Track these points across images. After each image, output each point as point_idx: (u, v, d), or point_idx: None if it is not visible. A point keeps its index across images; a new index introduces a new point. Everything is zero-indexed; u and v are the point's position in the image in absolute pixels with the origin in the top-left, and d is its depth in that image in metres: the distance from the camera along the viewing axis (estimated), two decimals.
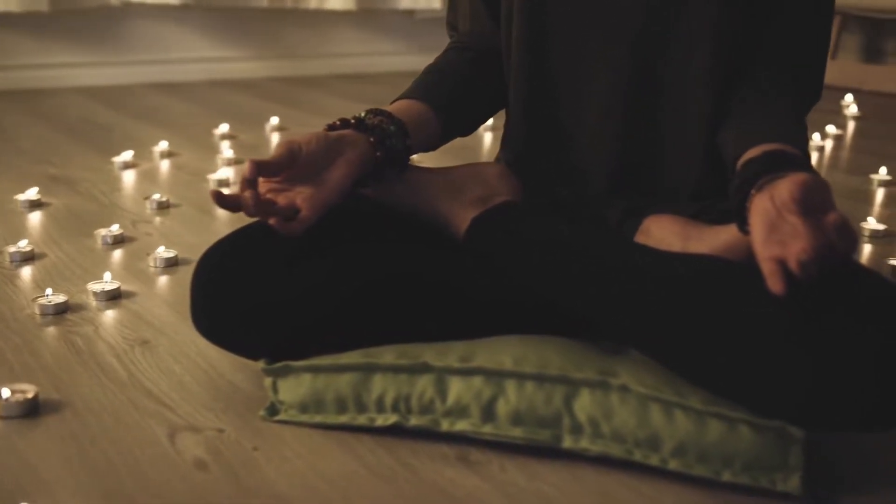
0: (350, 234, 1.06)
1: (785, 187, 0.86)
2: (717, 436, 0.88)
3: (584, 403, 0.92)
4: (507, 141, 1.24)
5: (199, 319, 1.03)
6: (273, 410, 1.00)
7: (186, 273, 1.43)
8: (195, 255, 1.50)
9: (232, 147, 2.31)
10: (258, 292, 1.00)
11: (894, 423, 0.83)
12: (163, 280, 1.42)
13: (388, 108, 1.13)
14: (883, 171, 2.14)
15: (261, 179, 1.00)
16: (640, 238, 1.10)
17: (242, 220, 1.01)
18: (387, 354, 0.99)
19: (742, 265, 0.95)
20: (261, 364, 1.00)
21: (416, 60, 3.92)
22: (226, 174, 2.00)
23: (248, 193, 0.97)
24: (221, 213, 1.80)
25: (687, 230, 1.07)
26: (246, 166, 0.98)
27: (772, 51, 1.12)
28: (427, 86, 1.18)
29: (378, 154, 1.06)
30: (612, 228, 1.13)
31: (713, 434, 0.88)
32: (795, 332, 0.84)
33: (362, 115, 1.09)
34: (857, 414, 0.82)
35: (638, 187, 1.17)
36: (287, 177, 1.02)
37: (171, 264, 1.47)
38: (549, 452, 0.93)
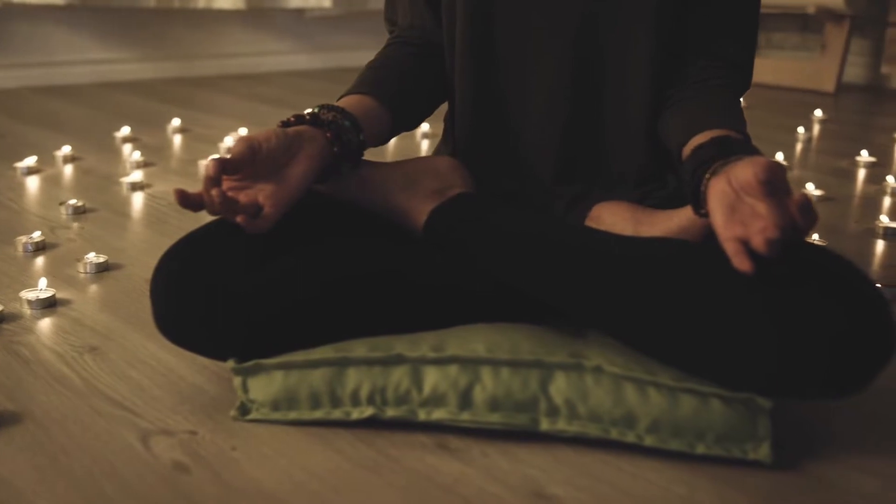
0: (312, 230, 1.06)
1: (747, 170, 0.90)
2: (690, 410, 0.92)
3: (560, 386, 0.95)
4: (452, 133, 1.26)
5: (164, 322, 1.01)
6: (244, 410, 0.99)
7: (119, 278, 1.41)
8: (124, 260, 1.48)
9: (136, 149, 2.25)
10: (226, 292, 0.99)
11: (857, 390, 0.88)
12: (96, 285, 1.38)
13: (339, 103, 1.13)
14: (780, 156, 2.24)
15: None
16: (590, 224, 1.14)
17: (166, 222, 1.01)
18: (358, 348, 0.99)
19: (701, 245, 0.99)
20: (230, 364, 0.99)
21: (306, 60, 3.93)
22: (137, 177, 1.95)
23: (214, 192, 0.97)
24: (141, 215, 1.76)
25: (637, 215, 1.11)
26: (209, 165, 0.97)
27: (705, 40, 1.17)
28: (373, 81, 1.18)
29: (335, 149, 1.06)
30: (561, 217, 1.16)
31: (686, 409, 0.92)
32: (761, 306, 0.88)
33: (315, 110, 1.09)
34: (824, 381, 0.87)
35: (583, 176, 1.20)
36: (247, 174, 1.01)
37: (102, 269, 1.43)
38: (526, 436, 0.95)
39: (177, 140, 2.45)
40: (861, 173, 2.27)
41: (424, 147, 2.43)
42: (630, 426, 0.93)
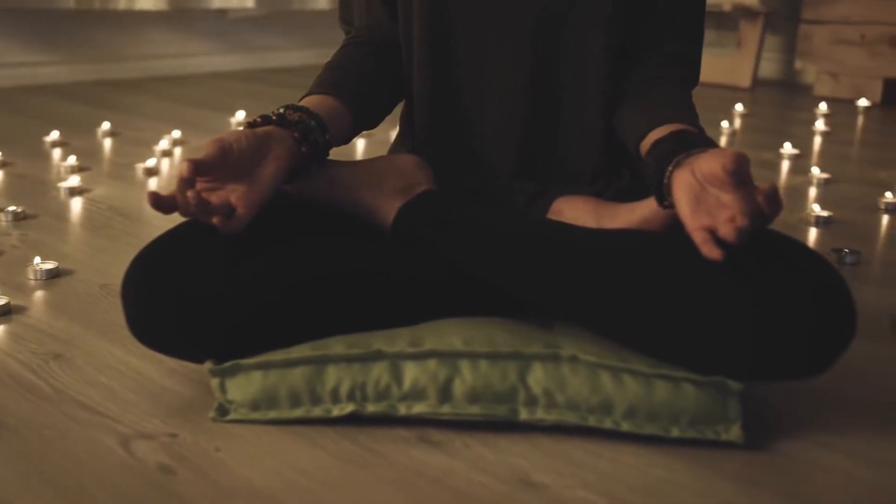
0: (282, 230, 1.07)
1: (712, 162, 0.94)
2: (664, 395, 0.95)
3: (538, 376, 0.97)
4: (411, 132, 1.27)
5: (137, 326, 1.01)
6: (223, 411, 0.99)
7: (71, 283, 1.39)
8: (73, 265, 1.46)
9: (67, 154, 2.20)
10: (201, 294, 0.99)
11: (824, 369, 0.93)
12: (48, 292, 1.36)
13: (303, 103, 1.14)
14: None
15: None
16: (552, 218, 1.16)
17: (110, 226, 1.01)
18: (336, 346, 1.00)
19: (668, 236, 1.03)
20: (207, 365, 0.99)
21: (231, 61, 3.89)
22: (74, 182, 1.92)
23: (190, 193, 0.97)
24: (83, 220, 1.73)
25: (599, 209, 1.14)
26: (183, 167, 0.97)
27: (657, 39, 1.21)
28: (333, 81, 1.19)
29: (303, 149, 1.07)
30: (523, 212, 1.19)
31: (660, 394, 0.95)
32: (737, 292, 0.92)
33: (281, 110, 1.09)
34: (798, 362, 0.91)
35: (541, 172, 1.23)
36: (218, 175, 1.01)
37: (53, 276, 1.41)
38: (506, 426, 0.97)
39: (107, 144, 2.41)
40: (786, 165, 2.35)
41: (361, 147, 2.44)
42: (607, 413, 0.96)
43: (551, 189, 1.20)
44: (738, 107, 3.04)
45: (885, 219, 1.88)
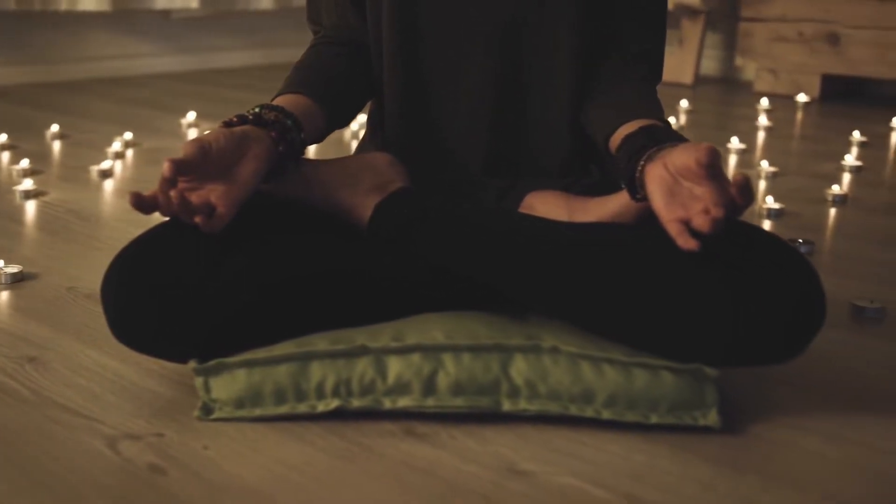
0: (259, 230, 1.07)
1: (684, 155, 0.97)
2: (643, 383, 0.98)
3: (521, 367, 0.99)
4: (381, 130, 1.29)
5: (119, 327, 1.01)
6: (208, 410, 1.00)
7: (36, 287, 1.38)
8: (37, 269, 1.44)
9: (17, 157, 2.17)
10: (183, 294, 0.99)
11: (797, 354, 0.96)
12: (14, 295, 1.35)
13: (276, 103, 1.14)
14: None
15: None
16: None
17: (70, 229, 1.00)
18: (320, 342, 1.01)
19: (641, 228, 1.05)
20: (191, 365, 0.99)
21: (175, 62, 3.86)
22: (28, 185, 1.89)
23: (173, 193, 0.97)
24: (42, 224, 1.72)
25: (570, 203, 1.16)
26: (165, 166, 0.97)
27: (622, 38, 1.24)
28: (305, 81, 1.20)
29: (280, 148, 1.08)
30: (495, 207, 1.21)
31: (639, 382, 0.98)
32: (716, 281, 0.95)
33: (257, 110, 1.10)
34: (775, 348, 0.95)
35: (510, 169, 1.25)
36: (197, 175, 1.02)
37: (17, 279, 1.39)
38: (489, 417, 0.99)
39: (57, 146, 2.38)
40: (733, 159, 2.40)
41: (312, 147, 2.43)
42: (588, 402, 0.98)
43: (521, 185, 1.22)
44: (684, 103, 3.10)
45: (833, 210, 1.94)
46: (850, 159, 2.32)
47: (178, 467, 0.90)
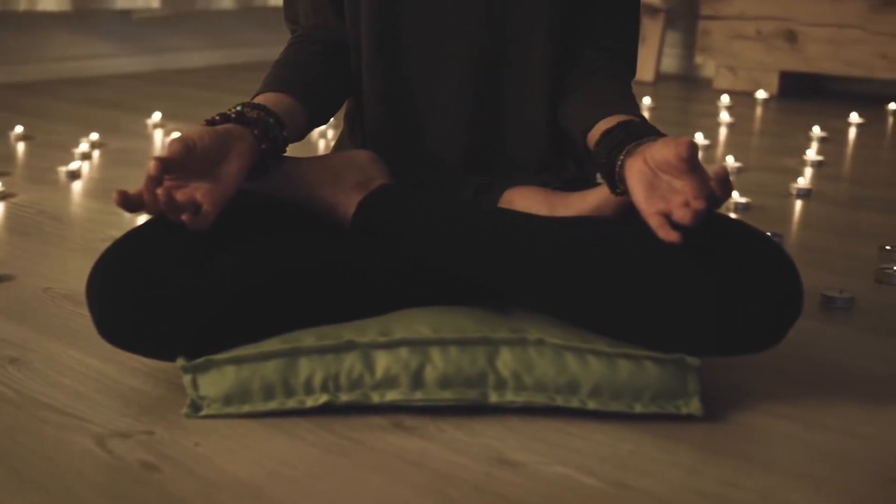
0: (244, 227, 1.08)
1: (664, 150, 0.99)
2: (627, 374, 1.00)
3: (507, 360, 1.01)
4: (361, 127, 1.29)
5: (106, 326, 1.01)
6: (196, 407, 1.00)
7: (12, 288, 1.37)
8: (11, 271, 1.44)
9: None
10: (170, 292, 0.99)
11: (776, 343, 0.99)
12: None
13: (258, 101, 1.15)
14: None
15: None
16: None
17: (42, 230, 1.00)
18: (307, 338, 1.02)
19: (623, 221, 1.07)
20: (179, 363, 1.00)
21: (137, 62, 3.83)
22: None
23: (160, 191, 0.97)
24: (14, 226, 1.70)
25: (550, 198, 1.18)
26: (151, 165, 0.97)
27: (596, 35, 1.26)
28: (285, 79, 1.20)
29: (263, 146, 1.08)
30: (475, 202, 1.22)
31: (623, 373, 1.00)
32: (695, 272, 0.97)
33: (239, 108, 1.10)
34: (758, 337, 0.97)
35: (488, 165, 1.27)
36: (182, 173, 1.02)
37: None
38: (476, 409, 1.00)
39: (21, 148, 2.36)
40: (699, 155, 2.43)
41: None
42: (573, 392, 1.00)
43: (500, 181, 1.24)
44: (646, 100, 3.13)
45: (798, 203, 1.98)
46: (812, 154, 2.36)
47: (170, 464, 0.90)
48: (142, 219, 1.74)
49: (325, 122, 1.26)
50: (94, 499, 0.85)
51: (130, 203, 0.98)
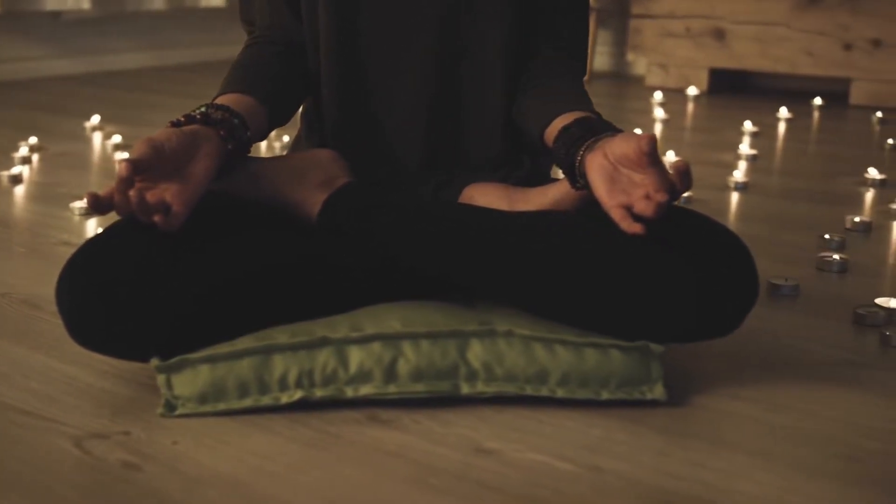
0: (211, 226, 1.08)
1: (624, 144, 1.02)
2: (594, 362, 1.03)
3: (477, 352, 1.03)
4: (320, 127, 1.31)
5: (78, 329, 1.00)
6: (171, 407, 1.00)
7: None
8: None
9: None
10: (142, 291, 1.00)
11: (735, 328, 1.03)
12: None
13: (220, 102, 1.15)
14: None
15: None
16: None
17: None
18: (280, 335, 1.03)
19: (584, 215, 1.11)
20: (153, 363, 1.00)
21: (65, 64, 3.77)
22: None
23: (132, 193, 0.98)
24: None
25: (510, 194, 1.21)
26: (122, 166, 0.98)
27: (550, 34, 1.29)
28: (245, 80, 1.21)
29: (230, 147, 1.09)
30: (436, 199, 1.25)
31: (590, 361, 1.03)
32: (660, 262, 1.01)
33: (203, 109, 1.11)
34: (723, 323, 1.01)
35: (446, 162, 1.29)
36: (150, 175, 1.02)
37: None
38: (449, 401, 1.02)
39: None
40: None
41: None
42: (543, 382, 1.03)
43: (458, 177, 1.26)
44: None
45: (735, 196, 2.05)
46: (746, 148, 2.43)
47: (151, 463, 0.91)
48: (92, 222, 1.73)
49: (285, 122, 1.27)
50: (79, 499, 0.85)
51: (101, 205, 0.98)
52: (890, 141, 2.57)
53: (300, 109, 1.37)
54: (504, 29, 1.25)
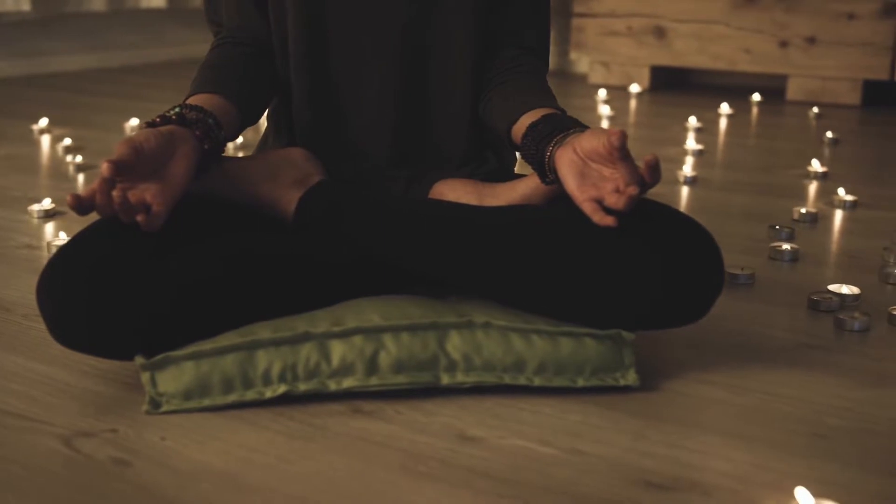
0: (189, 225, 1.10)
1: (594, 140, 1.06)
2: (569, 351, 1.06)
3: (456, 343, 1.06)
4: (288, 126, 1.33)
5: (61, 329, 1.01)
6: (155, 404, 1.02)
7: None
8: None
9: None
10: (125, 290, 1.01)
11: (703, 315, 1.07)
12: None
13: (193, 103, 1.16)
14: None
15: None
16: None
17: None
18: (262, 331, 1.05)
19: (555, 208, 1.14)
20: (138, 360, 1.01)
21: (6, 66, 3.71)
22: None
23: (116, 193, 0.99)
24: None
25: (479, 189, 1.24)
26: (104, 167, 0.99)
27: (513, 33, 1.32)
28: (216, 80, 1.22)
29: (206, 146, 1.11)
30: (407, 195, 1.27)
31: (565, 350, 1.06)
32: (632, 252, 1.04)
33: (177, 110, 1.12)
34: (692, 310, 1.05)
35: (414, 159, 1.32)
36: (131, 175, 1.03)
37: None
38: (429, 391, 1.05)
39: None
40: None
41: None
42: (520, 370, 1.06)
43: (427, 174, 1.29)
44: None
45: (686, 190, 2.10)
46: (692, 143, 2.49)
47: (141, 459, 0.92)
48: (49, 225, 1.72)
49: (255, 121, 1.28)
50: (72, 496, 0.86)
51: (83, 205, 0.99)
52: (828, 134, 2.66)
53: (268, 109, 1.39)
54: (469, 27, 1.28)
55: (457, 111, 1.31)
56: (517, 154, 1.38)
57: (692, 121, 2.82)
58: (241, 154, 2.06)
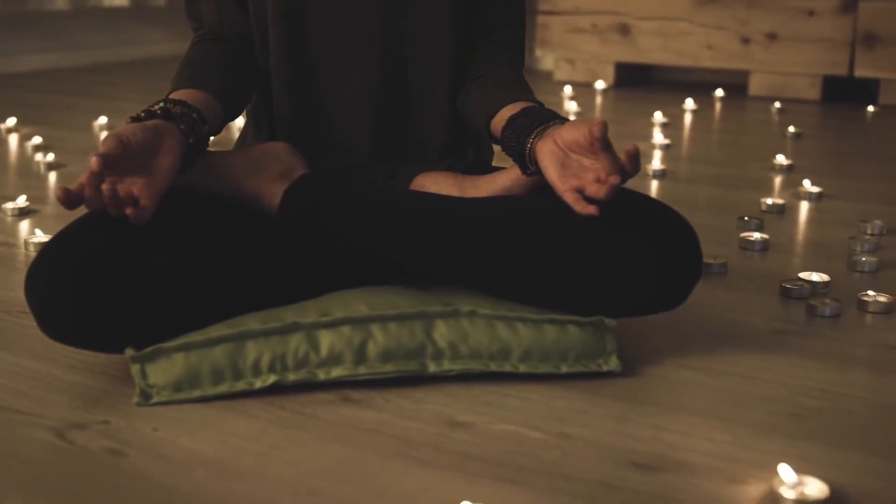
0: (174, 218, 1.11)
1: (574, 131, 1.08)
2: (553, 338, 1.09)
3: (443, 332, 1.08)
4: (269, 121, 1.34)
5: (50, 322, 1.02)
6: (146, 396, 1.02)
7: None
8: None
9: None
10: (113, 283, 1.01)
11: (685, 299, 1.10)
12: None
13: (176, 97, 1.17)
14: None
15: None
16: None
17: None
18: (251, 322, 1.06)
19: (536, 199, 1.16)
20: (128, 353, 1.02)
21: None
22: None
23: (105, 186, 1.00)
24: None
25: (460, 181, 1.26)
26: (93, 161, 0.99)
27: (490, 28, 1.34)
28: (199, 76, 1.23)
29: (191, 141, 1.12)
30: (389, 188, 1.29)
31: (549, 337, 1.09)
32: (615, 240, 1.07)
33: (162, 104, 1.13)
34: (674, 297, 1.08)
35: (394, 153, 1.33)
36: (118, 169, 1.04)
37: None
38: (416, 379, 1.07)
39: None
40: None
41: None
42: (506, 358, 1.08)
43: (407, 167, 1.31)
44: None
45: (655, 183, 2.14)
46: (659, 137, 2.53)
47: (135, 449, 0.93)
48: (24, 223, 1.72)
49: (237, 116, 1.29)
50: (69, 487, 0.87)
51: (72, 200, 1.00)
52: (791, 129, 2.71)
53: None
54: (447, 20, 1.30)
55: (437, 104, 1.33)
56: (495, 147, 1.40)
57: (658, 116, 2.86)
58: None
